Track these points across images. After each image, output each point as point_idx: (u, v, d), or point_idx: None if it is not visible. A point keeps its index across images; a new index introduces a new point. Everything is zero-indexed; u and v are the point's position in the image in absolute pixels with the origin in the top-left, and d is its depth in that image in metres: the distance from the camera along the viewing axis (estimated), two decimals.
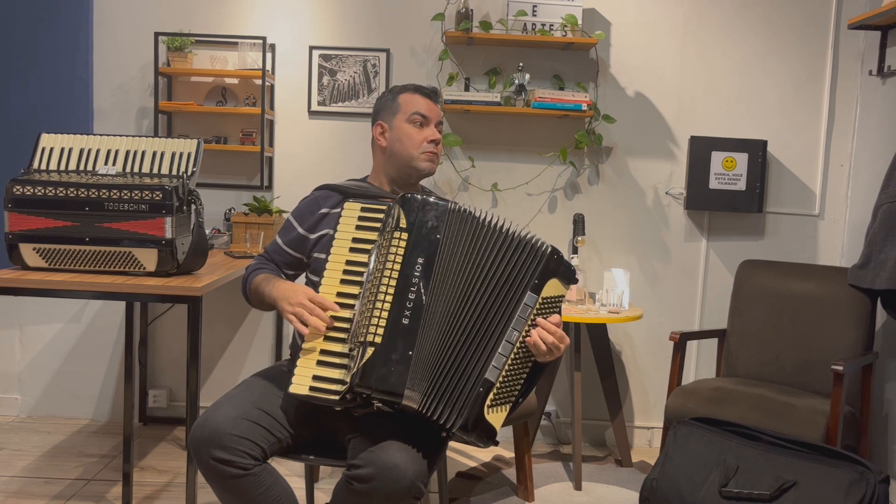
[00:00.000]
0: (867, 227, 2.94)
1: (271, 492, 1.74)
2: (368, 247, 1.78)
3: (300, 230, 2.01)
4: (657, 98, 3.49)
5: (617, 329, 3.56)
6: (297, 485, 2.70)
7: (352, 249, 1.79)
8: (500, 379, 1.70)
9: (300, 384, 1.70)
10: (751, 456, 2.26)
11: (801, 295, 3.06)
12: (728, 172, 3.41)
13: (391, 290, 1.68)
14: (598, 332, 3.29)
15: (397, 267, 1.70)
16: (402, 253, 1.71)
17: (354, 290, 1.76)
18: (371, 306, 1.68)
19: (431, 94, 2.05)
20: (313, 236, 1.99)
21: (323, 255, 1.89)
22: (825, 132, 3.49)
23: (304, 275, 2.08)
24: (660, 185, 3.52)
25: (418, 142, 1.99)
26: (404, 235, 1.72)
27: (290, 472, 3.01)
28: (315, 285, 1.90)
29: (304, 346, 1.74)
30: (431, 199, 1.76)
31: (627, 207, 3.53)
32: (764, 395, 2.75)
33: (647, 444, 3.62)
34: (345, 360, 1.70)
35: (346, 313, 1.74)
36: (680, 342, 3.03)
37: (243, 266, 2.80)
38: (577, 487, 3.02)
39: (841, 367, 2.55)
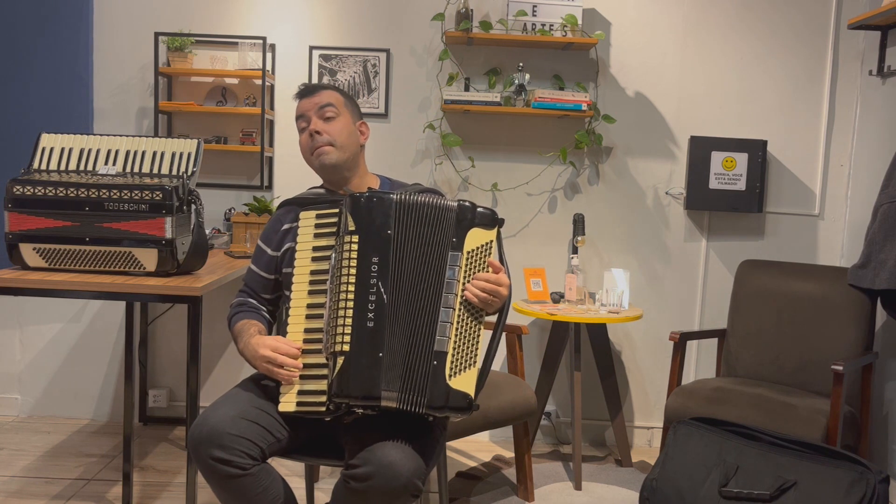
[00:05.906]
0: (867, 227, 2.94)
1: (269, 492, 1.74)
2: (328, 253, 1.78)
3: (269, 252, 2.01)
4: (657, 98, 3.49)
5: (617, 329, 3.56)
6: (297, 485, 2.70)
7: (314, 259, 1.80)
8: (453, 346, 1.68)
9: (287, 401, 1.72)
10: (751, 456, 2.26)
11: (801, 295, 3.06)
12: (728, 172, 3.41)
13: (351, 296, 1.68)
14: (598, 332, 3.29)
15: (353, 271, 1.70)
16: (355, 256, 1.70)
17: (322, 299, 1.76)
18: (335, 314, 1.69)
19: (305, 91, 2.04)
20: (279, 253, 1.99)
21: (290, 269, 1.89)
22: (825, 132, 3.49)
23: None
24: (660, 185, 3.52)
25: (305, 145, 2.00)
26: (355, 238, 1.71)
27: (290, 472, 3.01)
28: (288, 299, 1.91)
29: None
30: (377, 197, 1.73)
31: (627, 207, 3.53)
32: (764, 395, 2.75)
33: (647, 444, 3.62)
34: (324, 371, 1.71)
35: (319, 324, 1.75)
36: (680, 342, 3.03)
37: (243, 266, 2.80)
38: (577, 487, 3.02)
39: (841, 367, 2.55)
